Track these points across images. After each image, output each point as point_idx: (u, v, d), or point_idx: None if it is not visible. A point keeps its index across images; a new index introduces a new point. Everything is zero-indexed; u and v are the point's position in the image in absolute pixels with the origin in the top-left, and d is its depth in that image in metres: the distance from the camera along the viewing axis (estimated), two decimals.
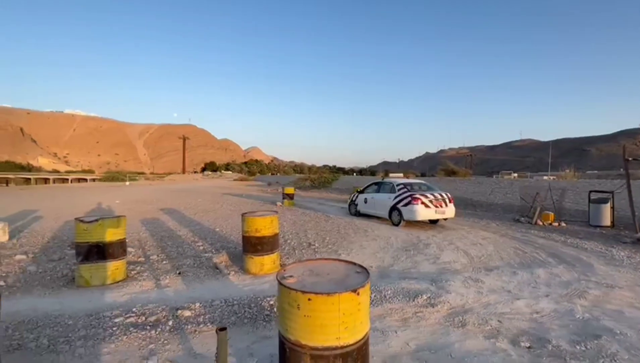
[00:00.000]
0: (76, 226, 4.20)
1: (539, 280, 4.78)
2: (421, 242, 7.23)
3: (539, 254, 6.31)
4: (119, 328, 3.01)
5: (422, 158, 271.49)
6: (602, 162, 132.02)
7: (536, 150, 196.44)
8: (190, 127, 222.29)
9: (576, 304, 3.86)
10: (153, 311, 3.37)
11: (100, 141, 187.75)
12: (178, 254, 5.81)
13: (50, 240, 6.69)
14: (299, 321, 1.75)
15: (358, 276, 2.03)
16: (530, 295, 4.14)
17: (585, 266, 5.49)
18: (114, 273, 4.30)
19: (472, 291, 4.24)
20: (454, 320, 3.40)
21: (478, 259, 5.94)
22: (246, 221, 4.87)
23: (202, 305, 3.53)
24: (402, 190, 9.42)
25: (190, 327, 3.09)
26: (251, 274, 4.76)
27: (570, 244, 7.18)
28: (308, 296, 1.72)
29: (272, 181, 43.69)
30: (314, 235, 7.74)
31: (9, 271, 4.65)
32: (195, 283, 4.39)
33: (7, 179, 61.15)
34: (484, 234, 8.28)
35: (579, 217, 10.86)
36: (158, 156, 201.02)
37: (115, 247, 4.32)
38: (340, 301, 1.72)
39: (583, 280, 4.74)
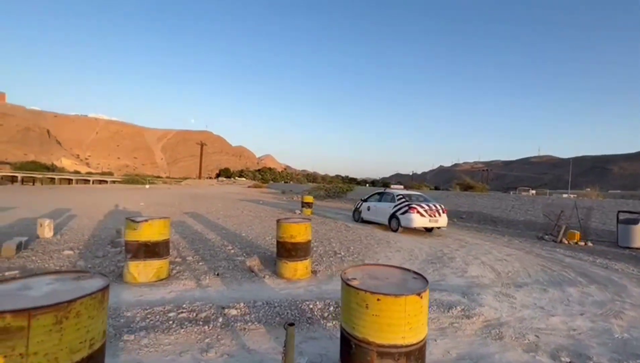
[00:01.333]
0: (127, 225, 4.50)
1: (572, 298, 4.76)
2: (445, 256, 7.26)
3: (567, 273, 6.25)
4: (175, 322, 3.22)
5: (435, 171, 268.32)
6: (625, 181, 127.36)
7: (555, 167, 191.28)
8: (206, 134, 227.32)
9: (613, 324, 3.86)
10: (202, 308, 3.58)
11: (120, 145, 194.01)
12: (211, 256, 6.05)
13: (90, 238, 7.06)
14: (367, 319, 1.91)
15: (416, 282, 2.18)
16: (564, 313, 4.15)
17: (618, 287, 5.42)
18: (159, 271, 4.55)
19: (505, 305, 4.28)
20: (491, 332, 3.47)
21: (505, 275, 5.94)
22: (282, 227, 5.07)
23: (245, 305, 3.72)
24: (401, 200, 10.53)
25: (239, 324, 3.27)
26: (285, 278, 4.93)
27: (600, 264, 7.07)
28: (377, 297, 1.88)
29: (286, 189, 44.09)
30: (338, 244, 7.87)
31: (62, 265, 4.97)
32: (234, 284, 4.59)
33: (33, 179, 63.86)
34: (507, 250, 8.23)
35: (606, 237, 10.62)
36: (174, 161, 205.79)
37: (162, 247, 4.58)
38: (406, 302, 1.88)
39: (618, 301, 4.70)
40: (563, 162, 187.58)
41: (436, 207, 10.26)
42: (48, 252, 5.68)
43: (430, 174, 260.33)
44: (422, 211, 9.92)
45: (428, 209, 10.04)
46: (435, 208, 10.22)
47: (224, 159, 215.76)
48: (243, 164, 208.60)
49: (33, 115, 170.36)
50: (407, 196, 10.81)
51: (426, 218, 9.89)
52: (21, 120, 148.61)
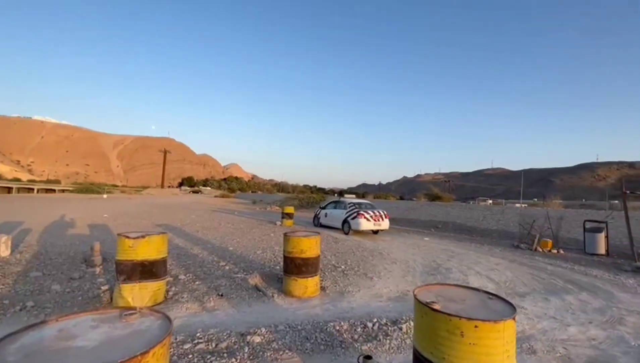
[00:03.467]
0: (120, 243, 3.93)
1: (573, 306, 4.94)
2: (441, 266, 7.32)
3: (556, 281, 6.55)
4: (195, 356, 2.79)
5: (400, 182, 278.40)
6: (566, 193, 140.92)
7: (506, 179, 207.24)
8: (168, 141, 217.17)
9: (622, 331, 4.02)
10: (219, 337, 3.16)
11: (70, 151, 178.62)
12: (205, 274, 5.53)
13: (57, 256, 6.17)
14: (462, 349, 1.73)
15: (496, 303, 2.04)
16: (575, 322, 4.27)
17: (605, 293, 5.75)
18: (155, 294, 4.02)
19: (521, 317, 4.32)
20: (522, 345, 3.44)
21: (504, 284, 6.08)
22: (290, 241, 4.76)
23: (267, 330, 3.36)
24: (352, 208, 12.30)
25: (268, 353, 2.92)
26: (295, 297, 4.61)
27: (579, 271, 7.52)
28: (475, 324, 1.71)
29: (257, 200, 42.95)
30: (333, 257, 7.64)
31: (33, 290, 4.23)
32: (243, 305, 4.18)
33: None
34: (494, 260, 8.51)
35: (573, 245, 11.44)
36: (132, 169, 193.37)
37: (160, 266, 4.07)
38: (505, 328, 1.73)
39: (613, 307, 4.96)
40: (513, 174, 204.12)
41: (380, 213, 12.06)
42: (10, 274, 4.84)
43: (395, 184, 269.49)
44: (368, 217, 11.65)
45: (373, 215, 11.79)
46: (379, 214, 12.01)
47: (187, 167, 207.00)
48: (208, 173, 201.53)
49: None
50: (357, 204, 12.56)
51: (371, 222, 11.68)
52: None
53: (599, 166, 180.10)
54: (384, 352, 3.11)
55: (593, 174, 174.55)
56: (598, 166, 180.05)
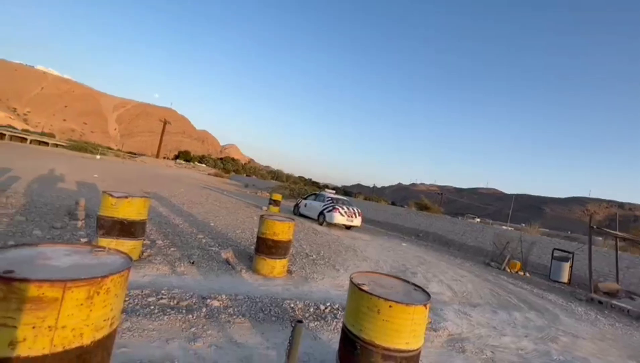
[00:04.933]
0: (103, 200, 4.20)
1: (517, 321, 5.34)
2: (408, 270, 7.69)
3: (511, 298, 6.96)
4: (157, 308, 3.09)
5: (394, 188, 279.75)
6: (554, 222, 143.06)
7: (498, 200, 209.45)
8: (170, 111, 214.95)
9: (551, 347, 4.41)
10: (182, 297, 3.46)
11: (69, 106, 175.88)
12: (182, 243, 5.81)
13: (41, 206, 6.40)
14: (377, 324, 2.04)
15: (417, 294, 2.36)
16: (512, 333, 4.66)
17: (552, 315, 6.17)
18: (131, 252, 4.29)
19: (464, 322, 4.69)
20: (455, 345, 3.80)
21: (461, 294, 6.46)
22: (265, 223, 5.06)
23: (227, 297, 3.67)
24: (329, 201, 13.11)
25: (223, 317, 3.23)
26: (261, 274, 4.92)
27: (536, 294, 7.96)
28: (389, 304, 2.03)
29: (249, 183, 43.16)
30: (308, 246, 7.96)
31: (15, 232, 4.48)
32: (211, 275, 4.48)
33: None
34: (461, 272, 8.92)
35: (540, 270, 11.92)
36: (129, 134, 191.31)
37: (138, 227, 4.34)
38: (415, 311, 2.05)
39: (553, 327, 5.36)
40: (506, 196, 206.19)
41: (354, 211, 13.03)
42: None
43: (389, 189, 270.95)
44: (342, 212, 12.54)
45: (347, 211, 12.73)
46: (353, 211, 12.97)
47: (185, 141, 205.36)
48: (205, 150, 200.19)
49: None
50: (335, 199, 13.40)
51: (345, 217, 12.56)
52: None
53: (589, 201, 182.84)
54: (328, 330, 3.43)
55: (583, 208, 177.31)
56: (589, 201, 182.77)
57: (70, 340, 1.36)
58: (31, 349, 1.27)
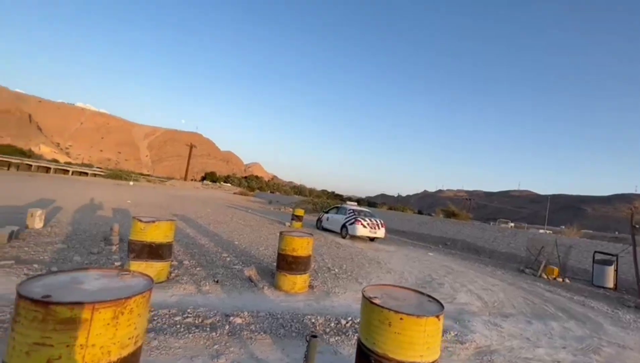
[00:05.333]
0: (133, 225, 4.50)
1: (554, 332, 5.02)
2: (434, 281, 7.47)
3: (548, 307, 6.56)
4: (182, 327, 3.25)
5: (420, 196, 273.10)
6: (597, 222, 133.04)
7: (533, 202, 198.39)
8: (196, 135, 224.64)
9: (592, 359, 4.11)
10: (206, 315, 3.61)
11: (105, 137, 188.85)
12: (207, 262, 6.04)
13: (81, 233, 6.91)
14: (389, 337, 2.06)
15: (431, 305, 2.35)
16: (548, 345, 4.39)
17: (595, 325, 5.74)
18: (159, 273, 4.54)
19: (494, 334, 4.49)
20: (483, 358, 3.65)
21: (492, 304, 6.18)
22: (284, 240, 5.17)
23: (249, 314, 3.77)
24: (351, 214, 12.99)
25: (245, 333, 3.33)
26: (283, 291, 5.00)
27: (577, 301, 7.44)
28: (400, 316, 2.04)
29: (273, 200, 43.83)
30: (330, 260, 7.98)
31: (58, 259, 4.88)
32: (234, 292, 4.62)
33: (8, 163, 60.99)
34: (492, 281, 8.53)
35: (581, 275, 11.13)
36: (159, 160, 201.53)
37: (166, 249, 4.60)
38: (427, 323, 2.04)
39: (595, 337, 4.99)
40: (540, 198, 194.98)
41: (377, 222, 12.73)
42: (40, 244, 5.55)
43: (414, 198, 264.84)
44: (365, 224, 12.34)
45: (370, 223, 12.47)
46: (376, 222, 12.68)
47: (211, 163, 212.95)
48: (230, 170, 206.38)
49: (15, 97, 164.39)
50: (357, 211, 13.29)
51: (367, 229, 12.31)
52: (1, 101, 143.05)
53: (637, 197, 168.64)
54: (349, 345, 3.43)
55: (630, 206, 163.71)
56: (636, 198, 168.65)
57: (99, 357, 1.51)
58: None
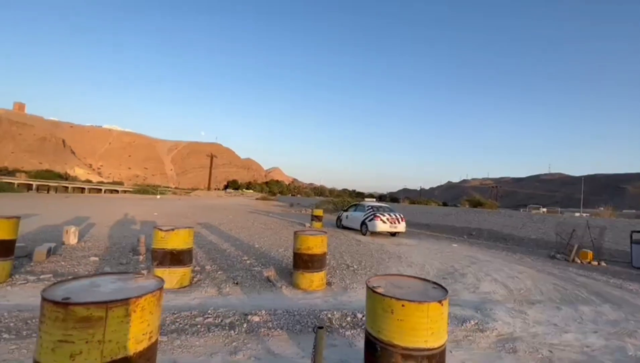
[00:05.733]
0: (155, 234, 4.76)
1: (585, 316, 4.80)
2: (457, 272, 7.32)
3: (580, 292, 6.25)
4: (203, 327, 3.41)
5: (444, 187, 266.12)
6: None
7: (566, 185, 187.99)
8: (216, 146, 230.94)
9: (627, 342, 3.90)
10: (226, 314, 3.77)
11: (132, 155, 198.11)
12: (228, 266, 6.25)
13: (111, 245, 7.35)
14: (392, 324, 2.09)
15: (436, 291, 2.35)
16: (577, 330, 4.21)
17: (632, 307, 5.42)
18: (182, 278, 4.77)
19: (517, 321, 4.36)
20: (505, 345, 3.57)
21: (517, 292, 5.98)
22: (298, 239, 5.27)
23: (267, 312, 3.90)
24: (369, 210, 13.01)
25: (262, 330, 3.45)
26: (301, 289, 5.10)
27: (613, 284, 7.04)
28: (402, 303, 2.07)
29: (294, 202, 44.32)
30: (350, 257, 8.00)
31: (90, 270, 5.23)
32: (253, 293, 4.77)
33: (48, 187, 65.57)
34: (519, 268, 8.23)
35: (620, 257, 10.50)
36: (183, 172, 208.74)
37: (186, 255, 4.82)
38: (429, 309, 2.06)
39: (632, 321, 4.72)
40: (574, 180, 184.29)
41: (396, 216, 12.79)
42: (75, 258, 5.97)
43: (439, 190, 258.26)
44: (384, 219, 12.38)
45: (389, 218, 12.51)
46: (395, 217, 12.72)
47: (232, 171, 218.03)
48: (251, 177, 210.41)
49: (50, 125, 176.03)
50: (375, 207, 13.34)
51: (387, 224, 12.35)
52: (39, 130, 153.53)
53: None
54: (364, 338, 3.46)
55: None
56: None
57: (117, 352, 1.65)
58: (87, 360, 1.58)
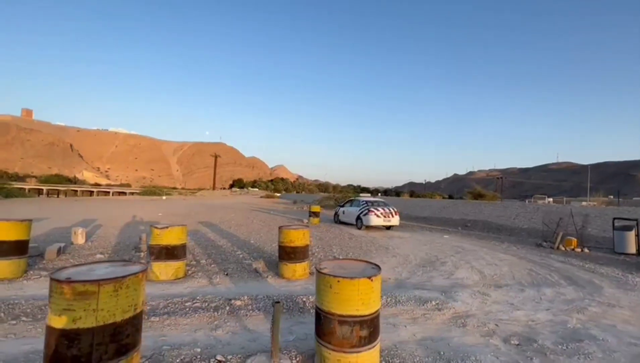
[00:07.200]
0: (151, 231, 5.30)
1: (544, 297, 5.23)
2: (438, 261, 7.77)
3: (552, 276, 6.66)
4: (190, 309, 3.95)
5: (450, 180, 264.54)
6: None
7: (575, 174, 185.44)
8: (220, 145, 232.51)
9: (573, 317, 4.34)
10: (212, 300, 4.30)
11: (138, 157, 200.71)
12: (222, 260, 6.80)
13: (116, 244, 7.95)
14: (331, 296, 2.58)
15: (372, 270, 2.84)
16: (531, 308, 4.66)
17: (594, 288, 5.83)
18: (177, 271, 5.32)
19: (477, 301, 4.82)
20: (457, 321, 4.04)
21: (490, 277, 6.42)
22: (282, 233, 5.78)
23: (249, 298, 4.42)
24: (364, 205, 13.51)
25: (242, 312, 3.97)
26: (285, 278, 5.61)
27: (587, 269, 7.42)
28: (337, 279, 2.55)
29: (298, 199, 44.91)
30: (339, 249, 8.50)
31: None
32: (241, 282, 5.30)
33: (57, 191, 67.08)
34: (501, 256, 8.64)
35: (605, 244, 10.82)
36: (189, 173, 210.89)
37: (180, 250, 5.36)
38: (359, 284, 2.54)
39: (587, 299, 5.15)
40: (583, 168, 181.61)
41: (390, 210, 13.28)
42: (83, 256, 6.56)
43: (444, 183, 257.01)
44: (378, 214, 12.90)
45: (383, 212, 13.01)
46: (389, 211, 13.23)
47: (237, 170, 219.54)
48: (256, 175, 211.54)
49: (58, 130, 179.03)
50: (370, 202, 13.79)
51: (381, 218, 12.88)
52: (47, 135, 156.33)
53: None
54: None
55: None
56: None
57: (108, 318, 2.17)
58: (85, 323, 2.10)
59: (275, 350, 2.77)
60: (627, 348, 3.44)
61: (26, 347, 2.83)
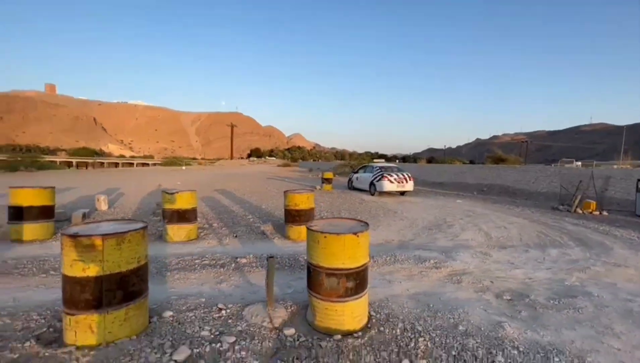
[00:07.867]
0: (162, 196, 5.61)
1: (548, 257, 5.23)
2: (446, 224, 7.80)
3: (562, 238, 6.57)
4: (199, 266, 4.27)
5: (472, 145, 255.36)
6: None
7: (609, 135, 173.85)
8: (237, 115, 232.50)
9: (573, 276, 4.34)
10: (220, 258, 4.60)
11: (158, 129, 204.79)
12: (233, 223, 7.13)
13: (136, 210, 8.46)
14: (319, 251, 2.72)
15: (360, 227, 2.93)
16: (531, 267, 4.69)
17: (603, 249, 5.74)
18: (189, 233, 5.66)
19: (476, 261, 4.89)
20: (452, 278, 4.15)
21: (496, 239, 6.42)
22: (287, 197, 5.96)
23: (254, 256, 4.69)
24: (377, 171, 13.54)
25: (247, 268, 4.25)
26: (291, 240, 5.87)
27: (602, 231, 7.25)
28: (324, 235, 2.67)
29: (314, 167, 45.16)
30: (347, 214, 8.66)
31: None
32: (248, 243, 5.60)
33: (86, 163, 70.53)
34: (513, 219, 8.54)
35: (628, 207, 10.42)
36: (208, 143, 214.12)
37: (190, 213, 5.67)
38: (345, 239, 2.65)
39: (592, 259, 5.10)
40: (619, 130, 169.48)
41: (404, 176, 13.26)
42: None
43: (465, 148, 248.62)
44: (392, 179, 12.87)
45: (397, 178, 12.98)
46: (403, 176, 13.20)
47: (254, 139, 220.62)
48: (273, 144, 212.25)
49: (81, 104, 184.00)
50: (383, 168, 13.85)
51: (395, 184, 12.86)
52: (72, 109, 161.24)
53: None
54: None
55: None
56: None
57: (113, 268, 2.41)
58: (92, 272, 2.35)
59: (270, 300, 2.99)
60: (621, 303, 3.46)
61: (54, 295, 3.20)
